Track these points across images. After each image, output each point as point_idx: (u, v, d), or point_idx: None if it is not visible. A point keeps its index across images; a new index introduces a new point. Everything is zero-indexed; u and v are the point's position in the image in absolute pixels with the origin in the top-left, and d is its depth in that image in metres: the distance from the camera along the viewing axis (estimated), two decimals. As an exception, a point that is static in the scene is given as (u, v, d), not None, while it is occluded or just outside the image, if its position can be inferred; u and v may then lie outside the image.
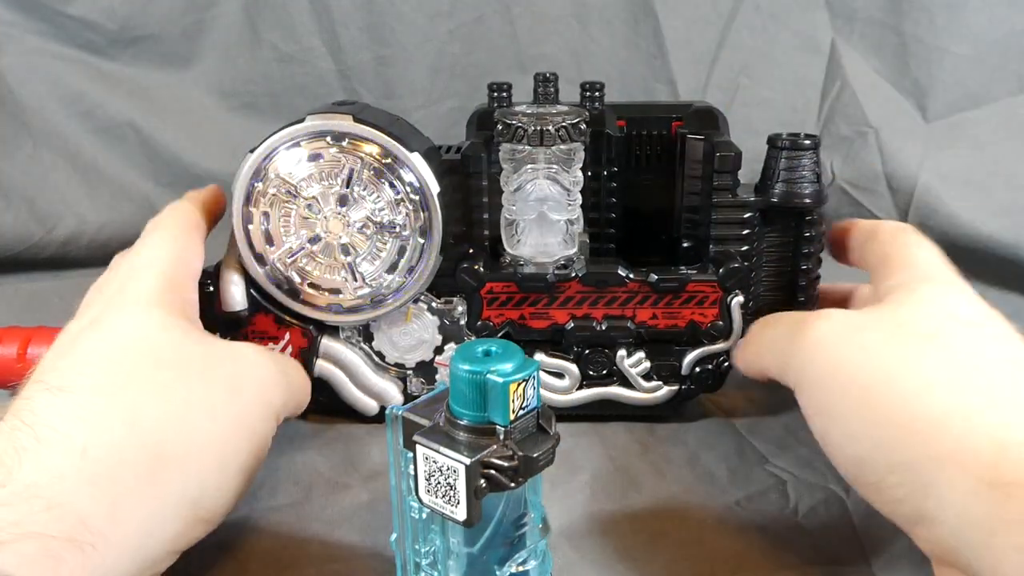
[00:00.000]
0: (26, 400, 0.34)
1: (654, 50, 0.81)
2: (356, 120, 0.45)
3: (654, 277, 0.49)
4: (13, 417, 0.33)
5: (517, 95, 0.52)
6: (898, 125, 0.78)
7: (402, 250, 0.47)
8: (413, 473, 0.33)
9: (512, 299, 0.50)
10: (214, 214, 0.49)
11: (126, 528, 0.32)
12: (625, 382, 0.51)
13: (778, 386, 0.42)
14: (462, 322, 0.50)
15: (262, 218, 0.46)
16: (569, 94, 0.53)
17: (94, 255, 0.77)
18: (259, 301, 0.49)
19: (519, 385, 0.32)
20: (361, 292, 0.48)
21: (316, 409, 0.49)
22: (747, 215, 0.49)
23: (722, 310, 0.49)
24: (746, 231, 0.50)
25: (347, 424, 0.52)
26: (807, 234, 0.50)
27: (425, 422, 0.33)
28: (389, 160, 0.45)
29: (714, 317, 0.50)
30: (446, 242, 0.48)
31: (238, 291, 0.48)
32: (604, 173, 0.52)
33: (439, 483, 0.32)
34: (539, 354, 0.51)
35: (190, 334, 0.40)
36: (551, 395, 0.51)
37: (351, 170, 0.46)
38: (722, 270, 0.49)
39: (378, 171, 0.46)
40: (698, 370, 0.51)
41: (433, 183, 0.46)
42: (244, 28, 0.81)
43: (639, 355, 0.51)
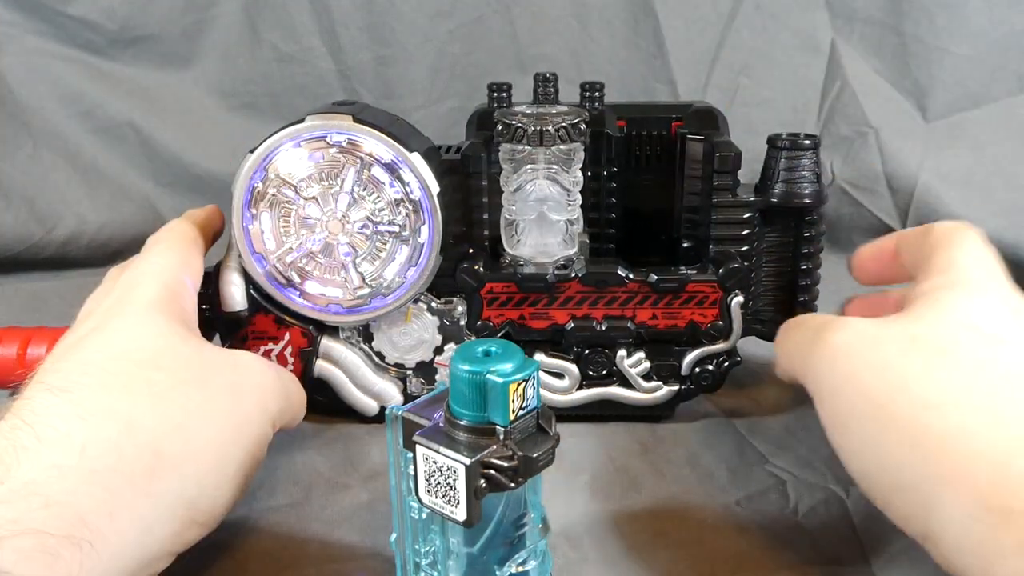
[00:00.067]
0: (27, 400, 0.34)
1: (654, 50, 0.81)
2: (356, 120, 0.45)
3: (654, 277, 0.49)
4: (14, 416, 0.33)
5: (517, 95, 0.52)
6: (898, 125, 0.78)
7: (402, 250, 0.47)
8: (413, 473, 0.33)
9: (512, 299, 0.50)
10: (212, 232, 0.49)
11: (123, 527, 0.33)
12: (625, 382, 0.51)
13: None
14: (462, 322, 0.50)
15: (262, 218, 0.47)
16: (569, 94, 0.53)
17: (94, 255, 0.77)
18: (259, 301, 0.49)
19: (519, 385, 0.32)
20: (361, 292, 0.48)
21: (316, 409, 0.49)
22: (747, 215, 0.50)
23: (722, 310, 0.49)
24: (746, 231, 0.50)
25: (347, 424, 0.52)
26: (807, 234, 0.50)
27: (425, 422, 0.33)
28: (389, 160, 0.45)
29: (714, 317, 0.50)
30: (446, 242, 0.48)
31: (238, 291, 0.49)
32: (604, 173, 0.52)
33: (439, 483, 0.32)
34: (539, 354, 0.51)
35: (189, 340, 0.40)
36: (551, 395, 0.51)
37: (351, 170, 0.46)
38: (722, 270, 0.49)
39: (378, 171, 0.46)
40: (698, 370, 0.51)
41: (433, 183, 0.46)
42: (244, 28, 0.81)
43: (639, 355, 0.51)
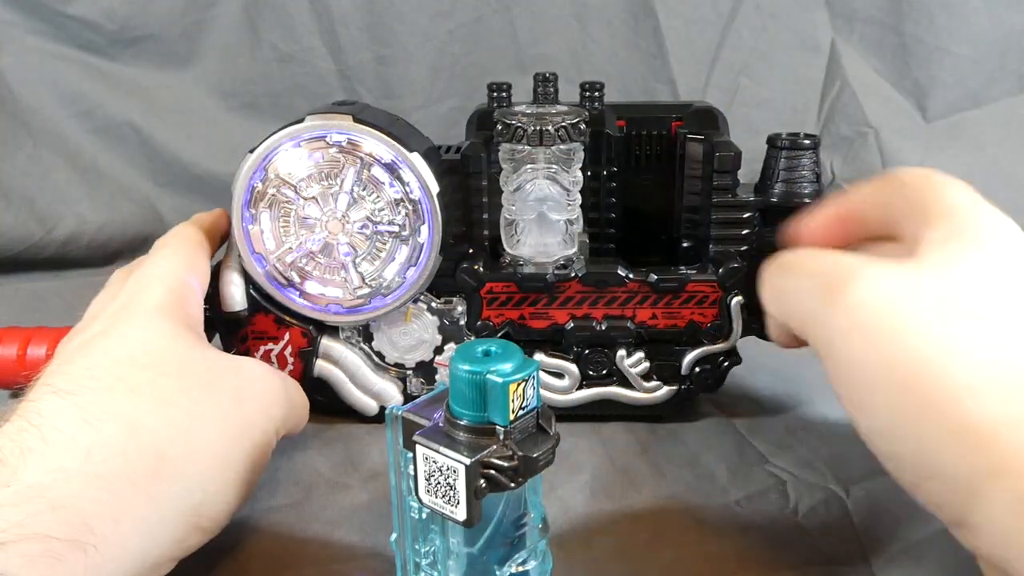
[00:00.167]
0: (33, 402, 0.34)
1: (654, 50, 0.80)
2: (356, 120, 0.45)
3: (654, 277, 0.49)
4: (20, 418, 0.33)
5: (517, 95, 0.52)
6: (898, 125, 0.78)
7: (402, 250, 0.47)
8: (413, 473, 0.33)
9: (512, 299, 0.50)
10: (219, 236, 0.49)
11: (127, 531, 0.32)
12: (625, 382, 0.51)
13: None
14: (462, 322, 0.50)
15: (262, 218, 0.47)
16: (569, 94, 0.53)
17: (94, 255, 0.77)
18: (259, 301, 0.49)
19: (519, 385, 0.32)
20: (361, 292, 0.48)
21: (316, 409, 0.49)
22: (747, 215, 0.49)
23: (722, 310, 0.49)
24: (746, 231, 0.50)
25: (347, 424, 0.52)
26: (807, 234, 0.50)
27: (425, 422, 0.34)
28: (389, 160, 0.45)
29: (714, 317, 0.50)
30: (446, 242, 0.48)
31: (238, 291, 0.48)
32: (604, 173, 0.52)
33: (439, 483, 0.32)
34: (539, 354, 0.51)
35: (196, 346, 0.40)
36: (551, 395, 0.51)
37: (351, 170, 0.46)
38: (722, 270, 0.49)
39: (378, 171, 0.46)
40: (698, 370, 0.51)
41: (433, 183, 0.46)
42: (244, 28, 0.81)
43: (639, 355, 0.51)
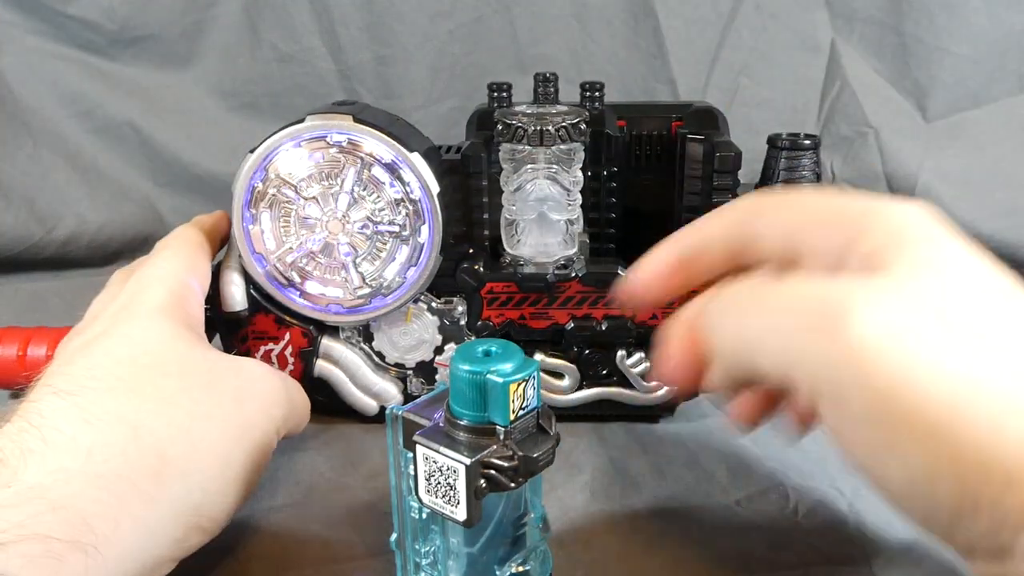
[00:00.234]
0: (34, 403, 0.34)
1: (654, 50, 0.80)
2: (356, 120, 0.45)
3: (654, 277, 0.49)
4: (20, 419, 0.33)
5: (517, 95, 0.52)
6: (898, 125, 0.78)
7: (402, 250, 0.47)
8: (413, 473, 0.33)
9: (512, 299, 0.50)
10: (221, 238, 0.49)
11: (128, 531, 0.32)
12: (625, 382, 0.51)
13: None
14: (462, 322, 0.50)
15: (262, 218, 0.47)
16: (569, 94, 0.53)
17: (94, 255, 0.77)
18: (259, 301, 0.49)
19: (519, 385, 0.32)
20: (361, 292, 0.48)
21: (316, 409, 0.49)
22: (747, 215, 0.49)
23: (722, 310, 0.49)
24: (746, 231, 0.49)
25: (347, 424, 0.52)
26: (807, 234, 0.50)
27: (425, 422, 0.33)
28: (389, 160, 0.45)
29: (714, 317, 0.49)
30: (446, 242, 0.48)
31: (238, 291, 0.48)
32: (604, 173, 0.52)
33: (439, 483, 0.32)
34: (539, 354, 0.51)
35: (196, 346, 0.40)
36: (551, 395, 0.51)
37: (351, 170, 0.46)
38: (722, 270, 0.49)
39: (378, 171, 0.46)
40: (698, 370, 0.51)
41: (433, 183, 0.46)
42: (244, 28, 0.81)
43: (639, 355, 0.51)
